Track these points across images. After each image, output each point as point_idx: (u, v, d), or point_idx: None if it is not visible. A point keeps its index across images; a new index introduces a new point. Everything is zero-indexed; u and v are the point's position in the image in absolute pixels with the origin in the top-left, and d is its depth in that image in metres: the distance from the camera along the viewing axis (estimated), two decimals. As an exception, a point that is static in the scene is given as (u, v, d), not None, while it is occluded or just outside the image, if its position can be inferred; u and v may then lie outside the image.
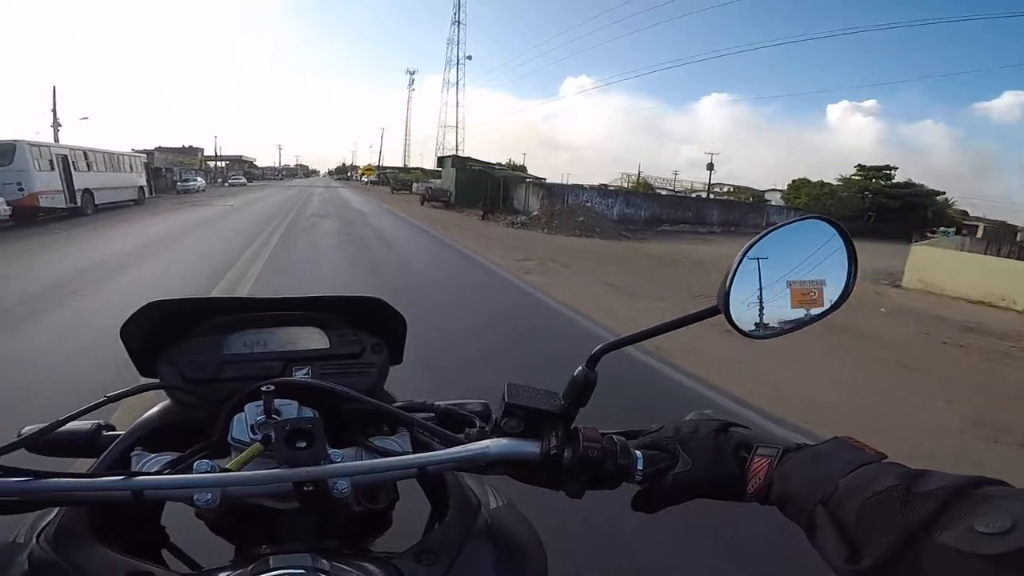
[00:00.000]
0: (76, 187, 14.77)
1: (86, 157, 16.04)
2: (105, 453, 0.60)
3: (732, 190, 49.67)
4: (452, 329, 4.81)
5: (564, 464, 0.50)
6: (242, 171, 62.39)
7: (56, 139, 23.33)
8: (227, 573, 0.44)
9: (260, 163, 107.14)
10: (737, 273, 0.49)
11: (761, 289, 0.51)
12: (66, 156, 14.71)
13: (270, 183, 61.30)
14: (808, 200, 38.56)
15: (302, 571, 0.43)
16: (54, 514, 0.51)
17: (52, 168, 13.84)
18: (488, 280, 7.97)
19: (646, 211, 25.84)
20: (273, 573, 0.42)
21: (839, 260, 0.51)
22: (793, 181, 44.22)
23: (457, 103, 77.22)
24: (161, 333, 0.65)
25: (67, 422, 0.56)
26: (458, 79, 76.82)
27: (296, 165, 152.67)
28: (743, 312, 0.50)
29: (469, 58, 71.96)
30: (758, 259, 0.50)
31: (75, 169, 14.98)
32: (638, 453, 0.51)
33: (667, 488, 0.49)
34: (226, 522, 0.58)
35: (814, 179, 42.87)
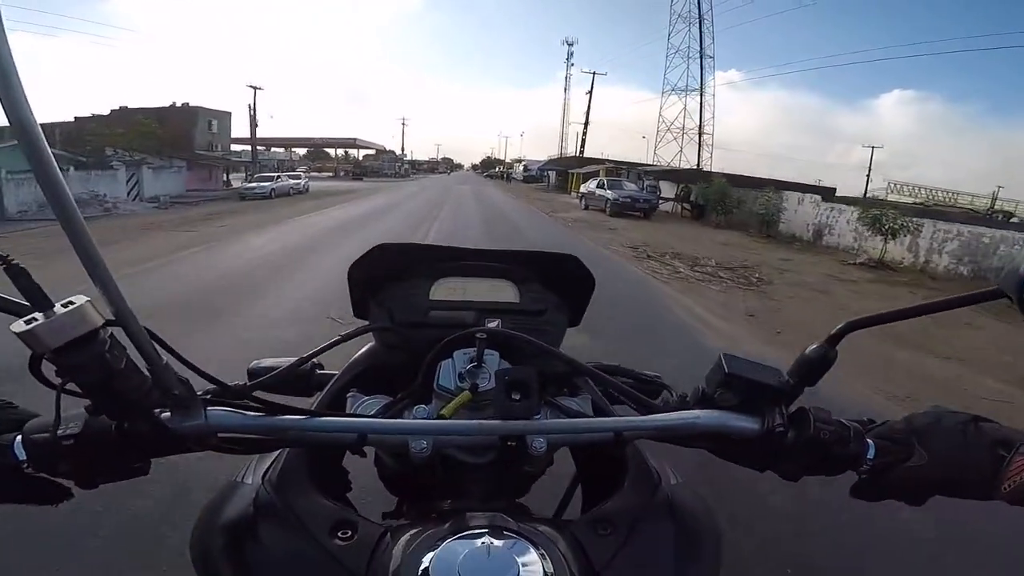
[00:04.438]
0: None
1: None
2: (324, 392, 0.63)
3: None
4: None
5: (786, 444, 0.48)
6: (295, 166, 38.00)
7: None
8: (424, 527, 0.43)
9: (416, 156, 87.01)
10: None
11: None
12: None
13: (361, 193, 31.27)
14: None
15: (496, 528, 0.42)
16: (276, 455, 0.52)
17: None
18: None
19: None
20: (471, 530, 0.42)
21: None
22: None
23: (701, 50, 42.94)
24: (378, 275, 0.67)
25: (304, 362, 0.58)
26: (700, 8, 42.49)
27: (441, 158, 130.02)
28: None
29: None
30: None
31: None
32: (870, 442, 0.48)
33: (897, 481, 0.47)
34: (404, 472, 0.58)
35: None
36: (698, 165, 43.25)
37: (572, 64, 64.00)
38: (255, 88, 31.36)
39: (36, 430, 0.42)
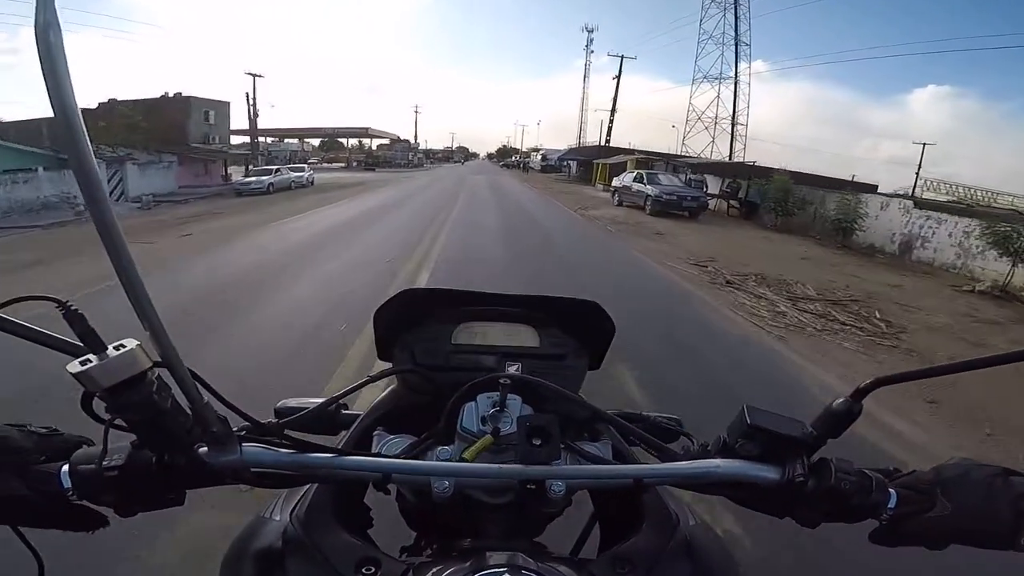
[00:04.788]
0: None
1: None
2: (350, 431, 0.64)
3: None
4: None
5: (806, 493, 0.48)
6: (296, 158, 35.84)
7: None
8: (445, 566, 0.44)
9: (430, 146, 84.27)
10: None
11: None
12: None
13: (369, 185, 29.15)
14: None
15: (515, 568, 0.42)
16: (303, 492, 0.54)
17: None
18: None
19: None
20: (490, 570, 0.42)
21: None
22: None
23: (736, 36, 39.90)
24: (403, 318, 0.68)
25: (332, 403, 0.62)
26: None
27: (456, 147, 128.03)
28: None
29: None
30: None
31: None
32: (892, 491, 0.48)
33: (917, 531, 0.47)
34: (424, 509, 0.59)
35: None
36: (730, 156, 40.77)
37: (592, 51, 61.33)
38: (254, 76, 29.12)
39: (82, 461, 0.44)
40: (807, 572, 1.99)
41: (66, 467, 0.43)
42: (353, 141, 63.21)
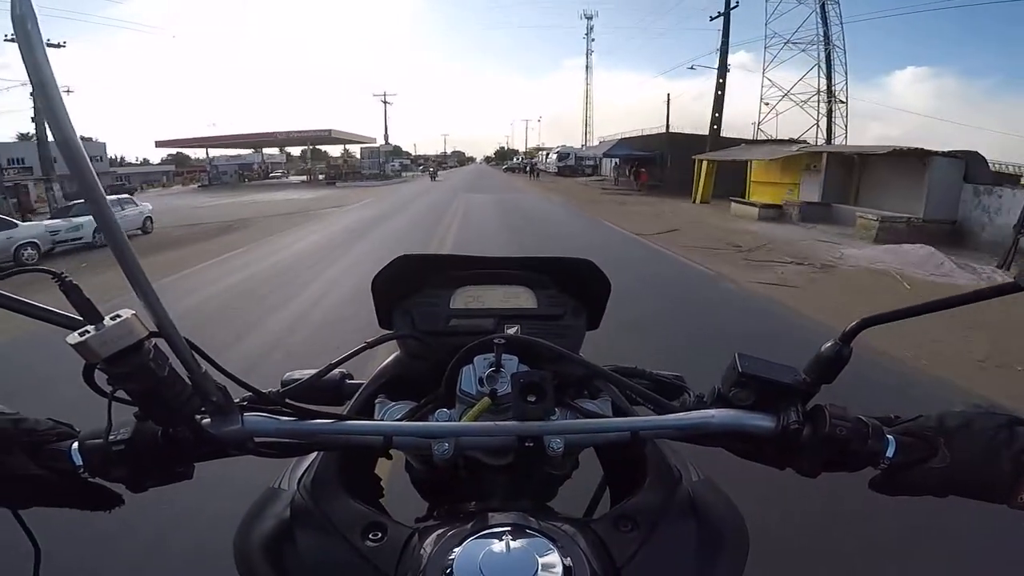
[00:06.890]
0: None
1: None
2: (353, 399, 0.64)
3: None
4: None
5: (802, 441, 0.48)
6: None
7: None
8: (449, 527, 0.44)
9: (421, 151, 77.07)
10: None
11: None
12: None
13: (266, 232, 15.86)
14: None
15: (518, 527, 0.43)
16: (310, 462, 0.54)
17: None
18: None
19: None
20: (493, 529, 0.43)
21: None
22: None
23: None
24: (400, 285, 0.68)
25: (331, 369, 0.61)
26: None
27: (452, 151, 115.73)
28: None
29: None
30: None
31: None
32: (891, 438, 0.47)
33: (916, 480, 0.46)
34: (433, 476, 0.60)
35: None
36: (828, 140, 28.51)
37: (593, 39, 49.50)
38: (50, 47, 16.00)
39: (90, 437, 0.45)
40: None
41: (76, 444, 0.44)
42: (339, 149, 50.99)
